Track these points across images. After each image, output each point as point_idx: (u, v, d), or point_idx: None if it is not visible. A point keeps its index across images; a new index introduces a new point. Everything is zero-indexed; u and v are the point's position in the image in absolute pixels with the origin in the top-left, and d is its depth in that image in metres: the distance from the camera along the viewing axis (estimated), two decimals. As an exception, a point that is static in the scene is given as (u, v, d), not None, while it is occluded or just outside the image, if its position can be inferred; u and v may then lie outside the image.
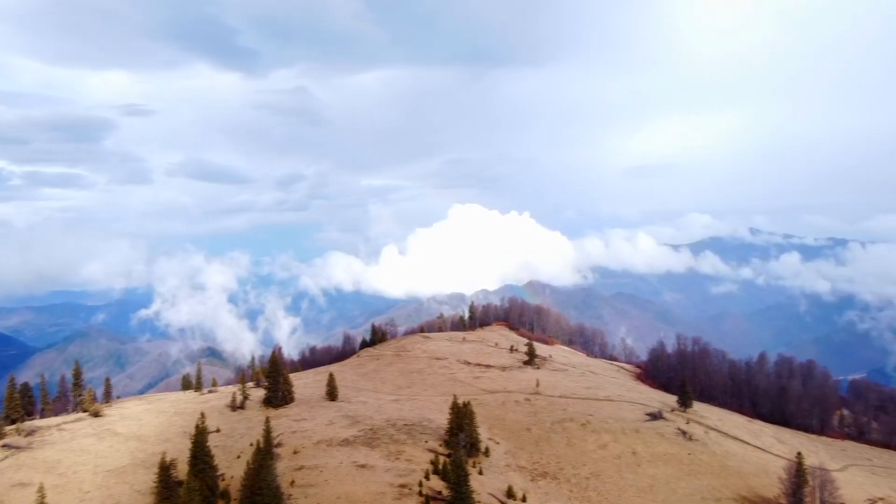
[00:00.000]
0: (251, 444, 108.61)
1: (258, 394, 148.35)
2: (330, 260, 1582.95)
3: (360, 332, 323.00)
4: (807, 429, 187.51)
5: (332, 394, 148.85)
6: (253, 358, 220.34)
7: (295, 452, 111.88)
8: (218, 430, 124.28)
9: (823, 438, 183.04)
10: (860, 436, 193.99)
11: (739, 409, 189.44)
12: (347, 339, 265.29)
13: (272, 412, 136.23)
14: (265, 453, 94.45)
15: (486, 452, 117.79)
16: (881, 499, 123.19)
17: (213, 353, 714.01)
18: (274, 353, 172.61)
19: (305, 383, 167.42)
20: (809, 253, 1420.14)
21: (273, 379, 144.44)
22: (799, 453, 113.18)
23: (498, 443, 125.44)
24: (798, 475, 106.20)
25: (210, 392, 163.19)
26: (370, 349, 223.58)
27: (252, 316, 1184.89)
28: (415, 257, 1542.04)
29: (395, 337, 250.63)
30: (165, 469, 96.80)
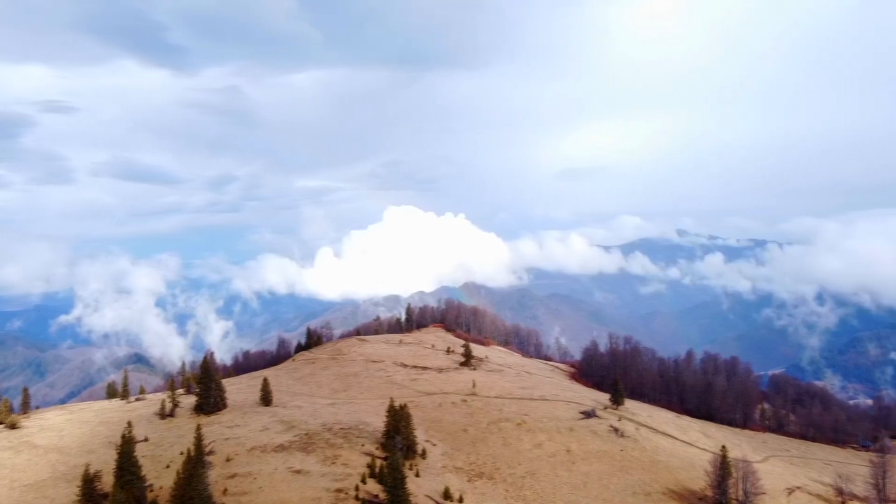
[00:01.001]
0: (181, 453, 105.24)
1: (189, 401, 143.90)
2: (263, 262, 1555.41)
3: (295, 336, 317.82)
4: (731, 423, 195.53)
5: (266, 399, 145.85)
6: (183, 364, 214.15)
7: (228, 460, 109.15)
8: (146, 440, 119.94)
9: (746, 432, 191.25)
10: (779, 428, 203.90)
11: (668, 406, 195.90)
12: (282, 343, 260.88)
13: (204, 419, 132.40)
14: (196, 462, 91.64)
15: (423, 454, 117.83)
16: (798, 487, 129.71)
17: (141, 360, 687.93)
18: (205, 358, 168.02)
19: (239, 389, 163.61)
20: (732, 253, 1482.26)
21: (204, 385, 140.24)
22: (723, 447, 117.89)
23: (435, 444, 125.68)
24: (723, 468, 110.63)
25: (137, 400, 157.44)
26: (305, 353, 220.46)
27: (181, 320, 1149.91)
28: (350, 259, 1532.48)
29: (331, 340, 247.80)
30: (89, 481, 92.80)
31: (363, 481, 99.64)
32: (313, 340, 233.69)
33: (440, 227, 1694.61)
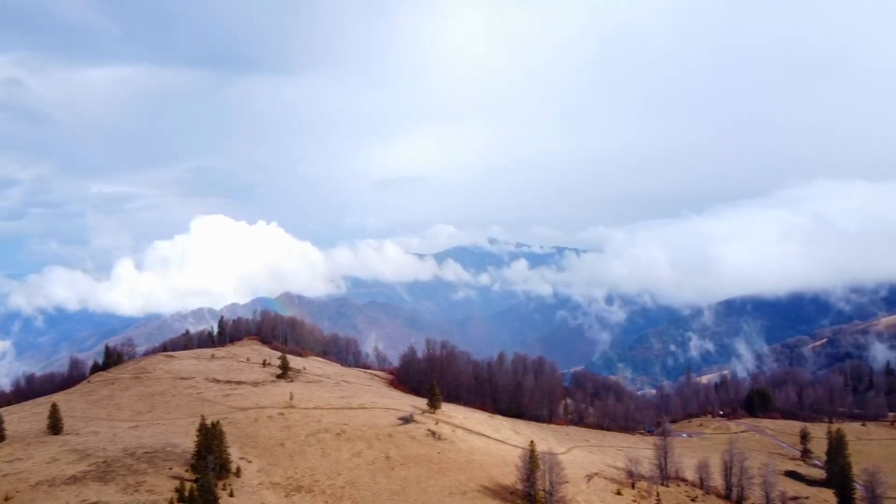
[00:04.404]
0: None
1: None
2: (49, 276, 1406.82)
3: (91, 356, 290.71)
4: (538, 419, 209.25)
5: (55, 427, 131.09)
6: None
7: (7, 499, 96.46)
8: None
9: (552, 426, 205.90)
10: (580, 420, 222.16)
11: (483, 406, 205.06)
12: (75, 364, 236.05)
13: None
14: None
15: (238, 473, 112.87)
16: (596, 473, 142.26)
17: None
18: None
19: (21, 417, 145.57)
20: (536, 260, 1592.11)
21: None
22: (532, 441, 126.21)
23: (250, 461, 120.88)
24: (531, 462, 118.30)
25: None
26: (103, 373, 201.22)
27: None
28: (154, 272, 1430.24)
29: (134, 358, 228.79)
30: None
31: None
32: (113, 359, 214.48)
33: (253, 237, 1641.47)
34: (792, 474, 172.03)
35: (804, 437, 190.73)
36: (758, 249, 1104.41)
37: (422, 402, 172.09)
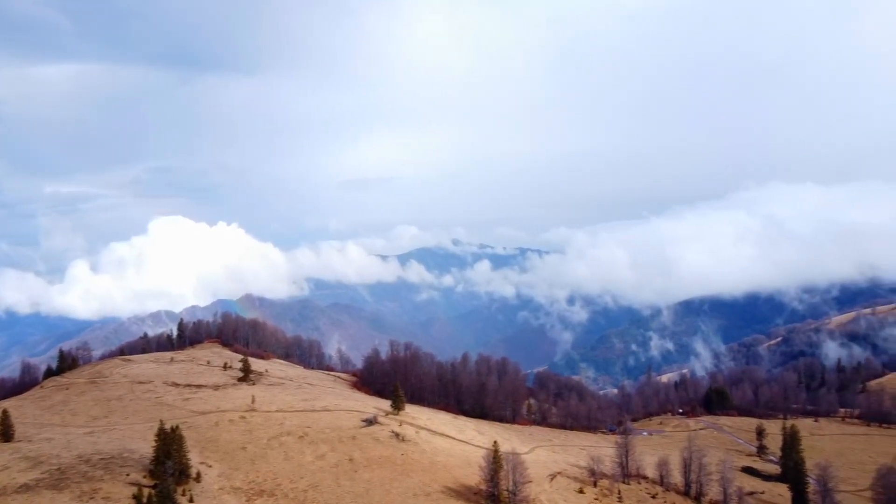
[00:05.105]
0: None
1: None
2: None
3: (45, 360, 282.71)
4: (502, 419, 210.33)
5: (6, 434, 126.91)
6: None
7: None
8: None
9: (515, 426, 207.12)
10: (543, 420, 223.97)
11: (447, 407, 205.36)
12: (27, 369, 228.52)
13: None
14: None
15: (198, 478, 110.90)
16: (559, 472, 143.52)
17: None
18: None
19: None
20: (499, 261, 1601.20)
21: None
22: (495, 442, 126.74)
23: (211, 466, 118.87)
24: (494, 462, 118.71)
25: None
26: (57, 378, 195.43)
27: None
28: (110, 274, 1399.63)
29: (90, 362, 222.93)
30: None
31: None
32: (67, 364, 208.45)
33: (213, 238, 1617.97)
34: (748, 470, 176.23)
35: (760, 433, 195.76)
36: (715, 251, 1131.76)
37: (385, 404, 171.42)
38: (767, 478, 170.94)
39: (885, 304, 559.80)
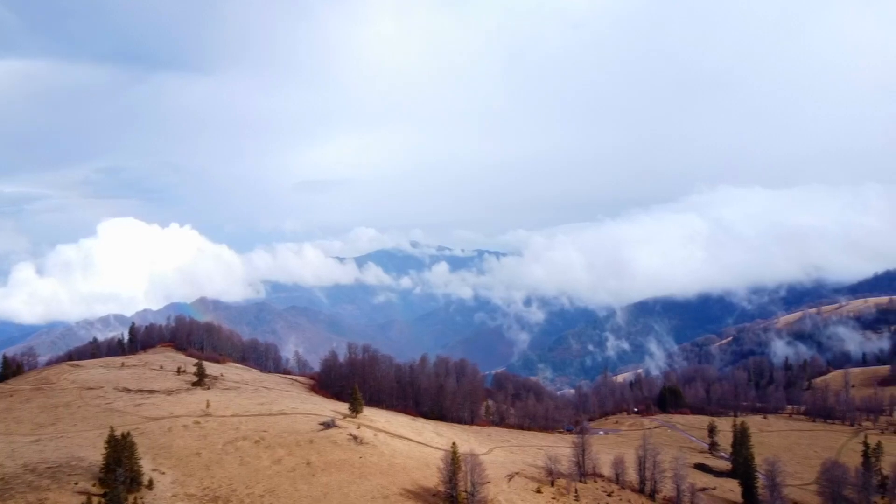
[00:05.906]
0: None
1: None
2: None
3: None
4: (461, 420, 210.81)
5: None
6: None
7: None
8: None
9: (474, 427, 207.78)
10: (501, 421, 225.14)
11: (405, 409, 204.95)
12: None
13: None
14: None
15: (150, 485, 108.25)
16: (517, 473, 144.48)
17: None
18: None
19: None
20: (457, 263, 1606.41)
21: None
22: (454, 443, 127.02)
23: (164, 472, 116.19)
24: (452, 463, 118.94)
25: None
26: (0, 385, 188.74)
27: None
28: (57, 277, 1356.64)
29: (36, 368, 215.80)
30: None
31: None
32: (11, 370, 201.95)
33: (165, 240, 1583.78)
34: (701, 466, 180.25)
35: (712, 430, 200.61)
36: (667, 253, 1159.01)
37: (343, 407, 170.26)
38: (719, 474, 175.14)
39: (829, 304, 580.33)
